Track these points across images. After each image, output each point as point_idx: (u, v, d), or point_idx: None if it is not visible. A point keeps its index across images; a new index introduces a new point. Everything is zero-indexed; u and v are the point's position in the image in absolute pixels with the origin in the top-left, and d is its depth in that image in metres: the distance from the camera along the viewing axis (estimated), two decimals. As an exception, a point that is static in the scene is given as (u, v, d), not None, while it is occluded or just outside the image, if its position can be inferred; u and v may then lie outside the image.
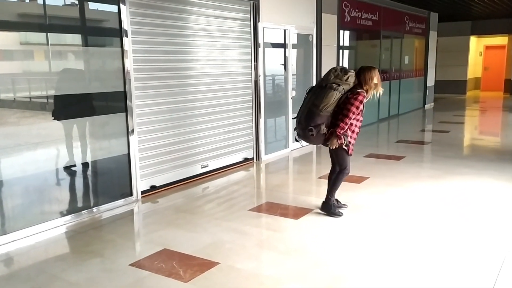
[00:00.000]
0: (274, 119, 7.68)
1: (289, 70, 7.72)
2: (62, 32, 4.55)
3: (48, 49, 4.46)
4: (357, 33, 10.34)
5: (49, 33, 4.40)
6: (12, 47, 4.30)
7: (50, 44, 4.46)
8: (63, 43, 4.65)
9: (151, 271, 3.39)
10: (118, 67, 4.88)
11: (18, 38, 4.34)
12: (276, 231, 4.25)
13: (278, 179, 6.28)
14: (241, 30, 6.61)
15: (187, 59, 5.79)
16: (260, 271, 3.42)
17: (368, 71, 4.31)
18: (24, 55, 4.41)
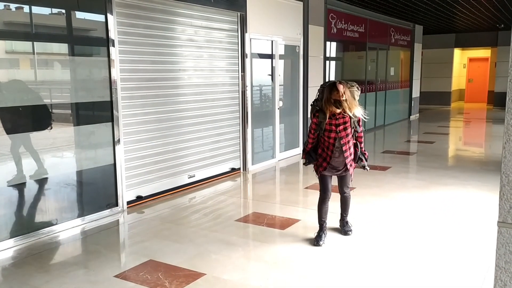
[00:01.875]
0: (262, 129, 7.70)
1: (276, 81, 7.76)
2: (49, 41, 4.53)
3: (34, 58, 4.42)
4: (343, 44, 10.46)
5: (35, 42, 4.37)
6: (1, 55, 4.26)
7: (36, 53, 4.42)
8: (50, 51, 4.62)
9: (136, 283, 3.35)
10: (104, 76, 4.86)
11: (3, 46, 4.29)
12: (263, 241, 4.24)
13: (265, 189, 6.28)
14: (229, 41, 6.64)
15: (174, 69, 5.79)
16: (246, 282, 3.41)
17: (327, 89, 3.91)
18: (10, 63, 4.37)
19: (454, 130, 12.86)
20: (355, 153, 4.05)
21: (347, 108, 3.81)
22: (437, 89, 18.74)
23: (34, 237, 4.23)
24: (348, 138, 3.91)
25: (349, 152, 3.95)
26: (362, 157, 4.11)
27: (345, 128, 3.87)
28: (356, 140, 4.05)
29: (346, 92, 3.78)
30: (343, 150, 3.91)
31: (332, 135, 3.87)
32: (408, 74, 14.43)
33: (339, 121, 3.84)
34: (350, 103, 3.82)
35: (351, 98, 3.83)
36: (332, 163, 3.98)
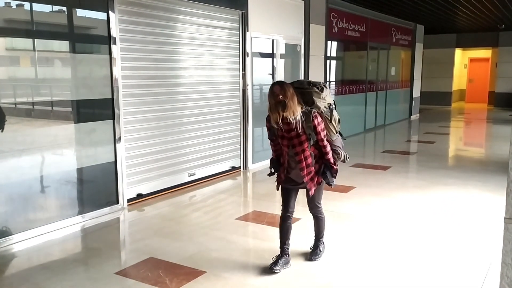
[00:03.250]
0: (262, 128, 7.69)
1: (277, 80, 7.74)
2: (50, 38, 4.52)
3: (34, 55, 4.43)
4: (344, 44, 10.46)
5: (36, 39, 4.37)
6: (1, 53, 4.26)
7: (37, 50, 4.42)
8: (51, 49, 4.62)
9: (137, 280, 3.36)
10: (106, 74, 4.86)
11: (3, 44, 4.29)
12: (263, 240, 4.25)
13: (265, 188, 6.28)
14: (230, 39, 6.64)
15: (175, 67, 5.79)
16: (247, 280, 3.41)
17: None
18: (10, 61, 4.37)
19: (455, 130, 12.87)
20: (320, 165, 3.42)
21: (290, 112, 3.20)
22: (437, 89, 18.73)
23: (34, 234, 4.23)
24: (303, 146, 3.30)
25: (305, 163, 3.34)
26: (327, 171, 3.40)
27: (297, 134, 3.27)
28: (320, 150, 3.39)
29: (287, 93, 3.18)
30: (297, 161, 3.36)
31: (285, 142, 3.36)
32: (409, 74, 14.43)
33: (290, 126, 3.27)
34: (291, 107, 3.19)
35: (292, 100, 3.19)
36: (290, 175, 3.46)
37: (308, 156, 3.34)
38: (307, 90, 3.36)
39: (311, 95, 3.36)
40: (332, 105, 3.43)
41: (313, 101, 3.34)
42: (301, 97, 3.30)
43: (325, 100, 3.38)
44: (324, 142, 3.34)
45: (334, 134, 3.45)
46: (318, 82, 3.47)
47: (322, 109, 3.35)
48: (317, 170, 3.41)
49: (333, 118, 3.42)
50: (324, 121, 3.36)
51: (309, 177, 3.39)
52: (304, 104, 3.31)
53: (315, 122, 3.24)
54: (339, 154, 3.52)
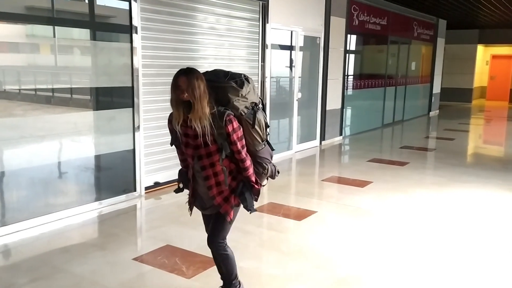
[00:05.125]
0: (279, 120, 7.68)
1: (296, 72, 7.72)
2: (72, 26, 4.56)
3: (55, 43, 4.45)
4: (364, 37, 10.34)
5: (57, 27, 4.40)
6: (19, 39, 4.30)
7: (57, 38, 4.45)
8: (72, 37, 4.66)
9: (154, 266, 3.40)
10: (126, 63, 4.89)
11: (24, 31, 4.33)
12: (279, 231, 4.25)
13: (281, 180, 6.27)
14: (249, 30, 6.62)
15: (195, 57, 5.80)
16: (263, 270, 3.43)
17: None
18: (31, 48, 4.41)
19: (475, 128, 12.66)
20: (238, 183, 2.60)
21: (196, 117, 2.39)
22: (458, 86, 18.43)
23: (54, 218, 4.30)
24: (213, 159, 2.51)
25: (214, 181, 2.55)
26: (245, 191, 2.57)
27: (205, 143, 2.47)
28: (237, 164, 2.58)
29: (196, 91, 2.35)
30: (203, 177, 2.57)
31: (189, 151, 2.55)
32: (429, 70, 14.22)
33: (193, 132, 2.47)
34: (197, 110, 2.37)
35: (201, 101, 2.37)
36: (199, 194, 2.67)
37: (219, 172, 2.53)
38: (221, 85, 2.50)
39: (225, 92, 2.49)
40: (257, 106, 2.59)
41: (228, 100, 2.49)
42: (213, 94, 2.46)
43: (246, 98, 2.52)
44: (242, 155, 2.51)
45: (259, 143, 2.59)
46: (238, 74, 2.59)
47: (241, 111, 2.50)
48: (234, 189, 2.59)
49: (257, 122, 2.55)
50: (245, 127, 2.53)
51: (221, 198, 2.59)
52: (217, 103, 2.47)
53: (228, 128, 2.41)
54: (266, 168, 2.66)
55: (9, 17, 4.05)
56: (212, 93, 2.44)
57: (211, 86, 2.46)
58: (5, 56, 4.17)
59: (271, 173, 2.74)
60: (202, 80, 2.39)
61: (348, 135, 9.74)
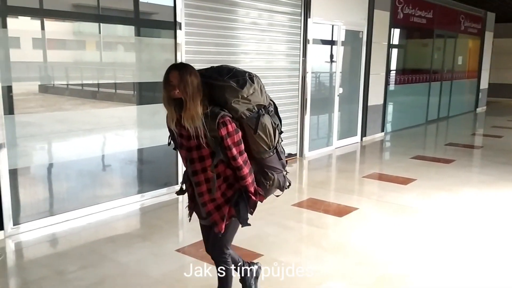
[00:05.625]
0: (320, 115, 7.61)
1: (337, 67, 7.62)
2: (120, 23, 4.70)
3: (100, 40, 4.58)
4: (409, 31, 10.07)
5: (103, 24, 4.51)
6: (67, 36, 4.45)
7: (103, 35, 4.58)
8: (122, 34, 4.80)
9: (196, 258, 3.46)
10: (170, 58, 4.98)
11: (71, 28, 4.48)
12: (319, 227, 4.23)
13: (321, 176, 6.24)
14: (291, 25, 6.59)
15: (236, 52, 5.84)
16: (303, 265, 3.42)
17: None
18: (77, 44, 4.56)
19: (525, 125, 12.10)
20: (234, 192, 2.35)
21: (188, 117, 2.17)
22: (507, 81, 17.63)
23: (99, 209, 4.46)
24: (205, 164, 2.29)
25: (206, 187, 2.33)
26: (240, 201, 2.33)
27: (198, 146, 2.25)
28: (235, 171, 2.31)
29: (188, 88, 2.13)
30: (194, 182, 2.35)
31: (183, 153, 2.36)
32: (476, 64, 13.69)
33: (186, 132, 2.26)
34: (190, 109, 2.15)
35: (194, 99, 2.15)
36: (197, 199, 2.42)
37: (211, 178, 2.30)
38: (218, 83, 2.23)
39: (223, 91, 2.22)
40: (264, 109, 2.32)
41: (225, 100, 2.22)
42: (209, 93, 2.23)
43: (248, 100, 2.24)
44: (238, 162, 2.24)
45: (265, 151, 2.32)
46: (243, 72, 2.32)
47: (242, 113, 2.25)
48: (229, 198, 2.35)
49: (262, 127, 2.28)
50: (248, 132, 2.28)
51: (213, 206, 2.36)
52: (213, 103, 2.22)
53: (222, 132, 2.17)
54: (271, 178, 2.39)
55: (58, 15, 4.20)
56: (208, 92, 2.21)
57: (208, 84, 2.22)
58: (54, 52, 4.33)
59: (278, 184, 2.43)
60: (196, 76, 2.17)
61: (390, 131, 9.54)
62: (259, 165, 2.36)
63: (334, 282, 3.18)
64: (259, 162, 2.36)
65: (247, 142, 2.29)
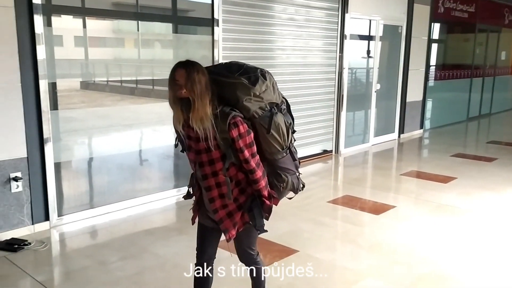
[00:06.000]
0: (356, 112, 7.51)
1: (374, 63, 7.50)
2: (158, 21, 4.79)
3: (138, 37, 4.67)
4: (449, 25, 9.77)
5: (142, 22, 4.59)
6: (107, 34, 4.56)
7: (142, 32, 4.67)
8: (161, 31, 4.89)
9: (233, 252, 3.48)
10: (207, 55, 5.03)
11: (111, 26, 4.59)
12: (356, 224, 4.19)
13: (357, 173, 6.17)
14: (328, 20, 6.52)
15: (273, 48, 5.84)
16: (339, 262, 3.40)
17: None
18: (117, 42, 4.67)
19: None
20: (247, 197, 2.20)
21: (197, 118, 2.03)
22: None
23: (138, 202, 4.57)
24: (215, 167, 2.14)
25: (217, 192, 2.19)
26: (254, 207, 2.18)
27: (208, 148, 2.10)
28: (247, 175, 2.17)
29: (195, 87, 2.00)
30: (204, 186, 2.22)
31: (191, 156, 2.23)
32: (521, 59, 13.14)
33: (195, 134, 2.11)
34: (198, 109, 2.01)
35: (202, 98, 2.01)
36: (205, 204, 2.30)
37: (223, 183, 2.16)
38: (229, 81, 2.10)
39: (234, 89, 2.09)
40: (277, 107, 2.18)
41: (237, 99, 2.09)
42: (219, 91, 2.09)
43: (260, 98, 2.11)
44: (251, 165, 2.10)
45: (278, 151, 2.19)
46: (254, 68, 2.18)
47: (254, 112, 2.11)
48: (241, 204, 2.21)
49: (275, 126, 2.14)
50: (260, 132, 2.14)
51: (225, 212, 2.21)
52: (223, 102, 2.08)
53: (233, 133, 2.03)
54: (285, 180, 2.24)
55: (98, 13, 4.32)
56: (217, 90, 2.07)
57: (218, 82, 2.08)
58: (95, 50, 4.46)
59: (292, 187, 2.29)
60: (204, 74, 2.04)
61: (429, 128, 9.30)
62: (271, 167, 2.23)
63: (371, 281, 3.14)
64: (271, 164, 2.22)
65: (259, 142, 2.15)
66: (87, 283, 3.06)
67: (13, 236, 3.67)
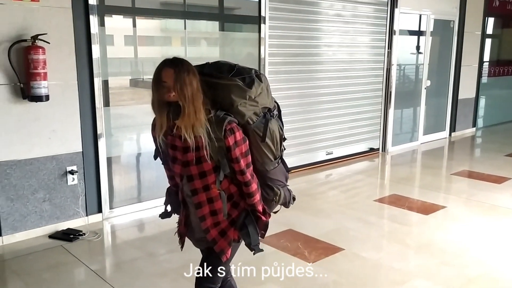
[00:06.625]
0: (404, 110, 7.33)
1: (424, 59, 7.28)
2: (207, 20, 4.86)
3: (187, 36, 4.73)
4: (505, 19, 9.31)
5: (189, 20, 4.64)
6: (155, 33, 4.67)
7: (190, 31, 4.74)
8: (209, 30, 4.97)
9: (277, 249, 3.51)
10: (254, 52, 5.07)
11: (159, 25, 4.69)
12: (403, 224, 4.10)
13: (405, 172, 6.03)
14: (376, 16, 6.39)
15: (319, 44, 5.79)
16: (386, 262, 3.34)
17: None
18: (164, 41, 4.77)
19: None
20: (240, 212, 1.96)
21: (188, 124, 1.79)
22: None
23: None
24: (207, 181, 1.89)
25: (208, 209, 1.94)
26: (249, 224, 1.95)
27: (198, 159, 1.85)
28: (240, 187, 1.94)
29: (186, 89, 1.75)
30: (194, 203, 1.95)
31: (177, 168, 1.95)
32: None
33: (186, 143, 1.84)
34: (189, 114, 1.77)
35: (194, 102, 1.77)
36: (192, 223, 2.05)
37: (215, 198, 1.91)
38: (222, 82, 1.87)
39: (228, 91, 1.85)
40: (271, 112, 1.96)
41: (231, 103, 1.86)
42: (211, 93, 1.86)
43: (256, 102, 1.88)
44: (247, 176, 1.89)
45: (270, 162, 1.98)
46: (248, 69, 1.95)
47: (248, 118, 1.88)
48: (234, 220, 1.97)
49: (270, 134, 1.92)
50: (253, 140, 1.92)
51: (217, 231, 1.97)
52: (215, 106, 1.86)
53: (229, 140, 1.81)
54: (277, 194, 2.04)
55: (147, 13, 4.44)
56: (209, 93, 1.84)
57: (209, 83, 1.86)
58: (144, 49, 4.59)
59: (284, 200, 2.10)
60: (195, 74, 1.79)
61: (482, 126, 8.92)
62: (261, 179, 1.98)
63: (419, 281, 3.06)
64: (261, 175, 1.98)
65: (251, 152, 1.92)
66: (137, 274, 3.18)
67: (69, 226, 3.86)
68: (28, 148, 3.61)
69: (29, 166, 3.63)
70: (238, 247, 2.07)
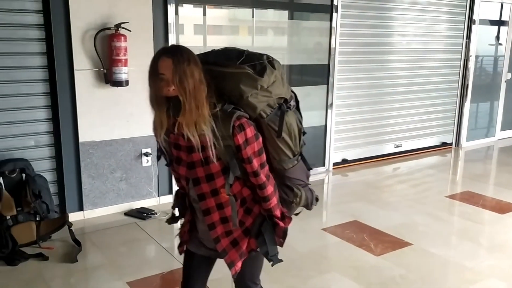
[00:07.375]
0: (480, 103, 6.93)
1: (506, 50, 6.83)
2: (278, 9, 4.88)
3: (255, 25, 4.75)
4: None
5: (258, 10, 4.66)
6: (223, 22, 4.69)
7: (257, 20, 4.76)
8: (278, 19, 4.99)
9: (342, 239, 3.50)
10: (324, 41, 5.03)
11: (227, 14, 4.73)
12: (477, 222, 3.92)
13: (480, 169, 5.74)
14: (455, 4, 6.07)
15: (393, 33, 5.62)
16: (457, 260, 3.22)
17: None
18: (232, 30, 4.80)
19: None
20: (254, 218, 1.73)
21: (189, 121, 1.55)
22: None
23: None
24: (215, 184, 1.64)
25: (218, 216, 1.70)
26: (265, 231, 1.71)
27: (205, 160, 1.62)
28: (254, 190, 1.70)
29: (186, 81, 1.51)
30: (202, 209, 1.71)
31: (182, 170, 1.71)
32: None
33: (186, 143, 1.63)
34: (191, 110, 1.53)
35: (196, 96, 1.53)
36: (199, 232, 1.82)
37: (225, 203, 1.67)
38: (229, 71, 1.61)
39: (237, 81, 1.60)
40: (287, 103, 1.71)
41: (240, 94, 1.60)
42: (216, 85, 1.61)
43: (269, 92, 1.63)
44: (261, 178, 1.64)
45: (289, 159, 1.75)
46: (259, 54, 1.68)
47: (261, 111, 1.65)
48: (248, 228, 1.73)
49: (287, 128, 1.70)
50: (268, 136, 1.70)
51: (228, 241, 1.72)
52: (221, 98, 1.62)
53: (239, 139, 1.57)
54: (298, 195, 1.80)
55: (216, 2, 4.47)
56: (214, 84, 1.60)
57: (214, 73, 1.61)
58: (213, 38, 4.68)
59: (306, 202, 1.86)
60: (197, 63, 1.55)
61: None
62: (279, 178, 1.76)
63: (492, 281, 2.93)
64: (279, 174, 1.76)
65: (266, 149, 1.69)
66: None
67: (142, 205, 4.08)
68: (108, 130, 3.84)
69: (109, 147, 3.87)
70: (263, 260, 1.82)
